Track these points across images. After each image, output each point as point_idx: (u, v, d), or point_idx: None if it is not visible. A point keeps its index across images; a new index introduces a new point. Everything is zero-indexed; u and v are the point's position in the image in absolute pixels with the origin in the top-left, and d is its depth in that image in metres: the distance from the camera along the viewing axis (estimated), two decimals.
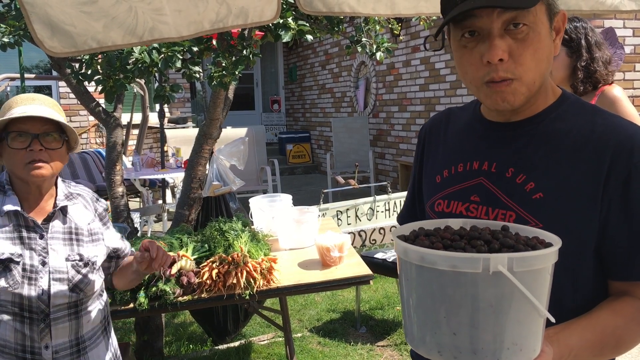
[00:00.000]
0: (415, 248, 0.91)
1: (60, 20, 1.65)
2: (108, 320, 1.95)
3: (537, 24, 1.06)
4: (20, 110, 1.66)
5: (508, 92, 1.08)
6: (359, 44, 3.58)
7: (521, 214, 1.11)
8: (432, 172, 1.33)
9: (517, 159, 1.15)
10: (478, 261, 0.85)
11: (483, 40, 1.08)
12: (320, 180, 10.72)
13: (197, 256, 2.71)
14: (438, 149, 1.35)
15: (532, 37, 1.06)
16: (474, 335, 0.88)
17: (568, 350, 1.01)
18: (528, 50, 1.05)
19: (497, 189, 1.16)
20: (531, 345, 0.91)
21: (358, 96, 10.32)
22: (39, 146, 1.65)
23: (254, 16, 1.96)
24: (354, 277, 2.74)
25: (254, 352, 3.89)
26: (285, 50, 13.85)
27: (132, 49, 2.82)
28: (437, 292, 0.89)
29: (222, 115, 3.66)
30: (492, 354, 0.88)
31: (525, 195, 1.12)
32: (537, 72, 1.08)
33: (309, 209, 3.30)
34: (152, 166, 6.94)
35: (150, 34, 1.80)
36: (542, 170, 1.12)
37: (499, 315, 0.87)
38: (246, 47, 3.07)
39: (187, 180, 3.68)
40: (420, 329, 0.94)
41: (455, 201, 1.22)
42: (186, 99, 11.11)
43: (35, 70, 9.66)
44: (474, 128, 1.27)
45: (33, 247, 1.70)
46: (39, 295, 1.67)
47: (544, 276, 0.90)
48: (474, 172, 1.21)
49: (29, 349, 1.69)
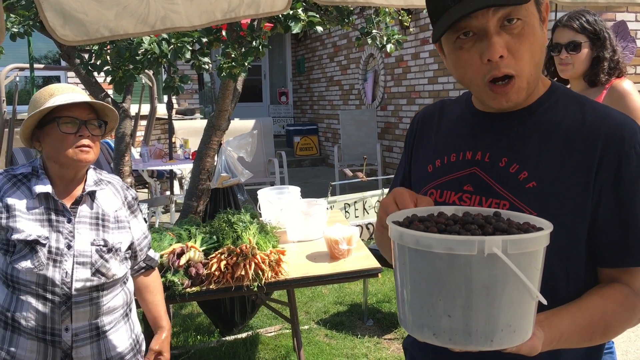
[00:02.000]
0: (410, 232, 0.91)
1: (72, 8, 1.65)
2: (131, 307, 1.96)
3: (530, 16, 1.07)
4: (65, 97, 1.73)
5: (512, 92, 1.10)
6: (369, 36, 3.56)
7: (515, 203, 1.13)
8: (424, 161, 1.33)
9: (510, 149, 1.17)
10: (473, 243, 0.86)
11: (480, 40, 1.07)
12: (328, 172, 10.71)
13: (206, 247, 2.71)
14: (430, 139, 1.35)
15: (527, 31, 1.07)
16: (468, 317, 0.89)
17: (559, 334, 1.03)
18: (525, 44, 1.07)
19: (491, 179, 1.17)
20: (524, 327, 0.92)
21: (366, 89, 10.29)
22: (87, 132, 1.75)
23: (265, 6, 1.95)
24: (362, 270, 2.73)
25: (261, 343, 3.89)
26: (293, 42, 13.81)
27: (141, 39, 2.81)
28: (432, 275, 0.90)
29: (231, 106, 3.65)
30: (486, 335, 0.90)
31: (519, 184, 1.13)
32: (533, 65, 1.10)
33: (318, 202, 3.29)
34: (160, 157, 6.94)
35: (162, 22, 1.80)
36: (535, 159, 1.14)
37: (493, 297, 0.89)
38: (255, 39, 3.06)
39: (195, 172, 3.68)
40: (416, 313, 0.94)
41: (448, 191, 1.23)
42: (194, 90, 11.11)
43: (43, 60, 9.67)
44: (467, 119, 1.28)
45: (60, 230, 1.74)
46: (62, 277, 1.71)
47: (536, 259, 0.92)
48: (467, 162, 1.22)
49: (49, 331, 1.72)
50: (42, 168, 1.79)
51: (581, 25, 2.54)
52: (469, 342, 0.90)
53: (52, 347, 1.74)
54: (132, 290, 1.99)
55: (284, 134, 12.90)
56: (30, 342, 1.72)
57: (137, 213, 2.00)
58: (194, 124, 8.28)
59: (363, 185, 7.54)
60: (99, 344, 1.81)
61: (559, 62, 2.62)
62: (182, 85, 3.20)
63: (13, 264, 1.69)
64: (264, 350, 3.80)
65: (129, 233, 1.91)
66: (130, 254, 1.94)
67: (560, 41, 2.59)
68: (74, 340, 1.75)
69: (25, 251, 1.69)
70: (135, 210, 1.98)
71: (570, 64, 2.58)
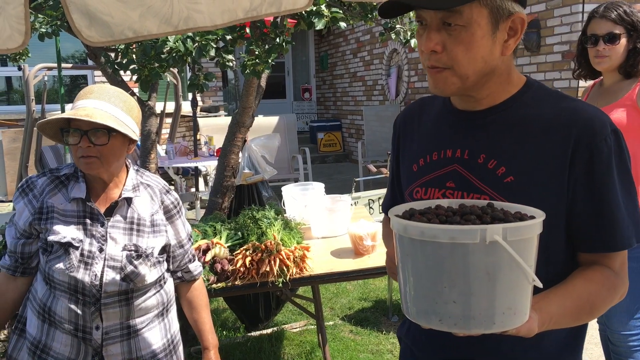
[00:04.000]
0: (415, 224, 0.97)
1: (98, 10, 1.67)
2: (167, 307, 1.95)
3: (472, 25, 1.13)
4: (79, 104, 1.73)
5: (439, 79, 1.19)
6: (393, 31, 3.54)
7: (494, 197, 1.20)
8: (409, 161, 1.41)
9: (487, 146, 1.23)
10: (476, 232, 0.93)
11: (426, 30, 1.18)
12: (351, 168, 10.69)
13: (231, 244, 2.73)
14: (413, 138, 1.43)
15: (464, 36, 1.13)
16: (472, 302, 0.95)
17: (549, 317, 1.10)
18: (459, 46, 1.14)
19: (471, 175, 1.24)
20: (523, 310, 0.99)
21: (390, 84, 10.23)
22: (87, 143, 1.70)
23: (287, 4, 1.95)
24: None
25: (287, 339, 3.91)
26: (316, 38, 13.79)
27: (166, 38, 2.84)
28: (437, 264, 0.96)
29: (255, 103, 3.67)
30: (488, 318, 0.96)
31: (497, 179, 1.20)
32: (471, 68, 1.16)
33: (342, 198, 3.29)
34: (185, 154, 7.01)
35: (185, 23, 1.81)
36: (511, 154, 1.20)
37: (494, 282, 0.95)
38: (279, 35, 3.07)
39: (220, 169, 3.71)
40: (421, 301, 1.00)
41: (432, 188, 1.30)
42: (218, 87, 11.17)
43: (71, 60, 9.82)
44: (446, 117, 1.34)
45: (94, 234, 1.76)
46: (92, 280, 1.73)
47: (531, 245, 0.98)
48: (448, 159, 1.29)
49: (80, 328, 1.77)
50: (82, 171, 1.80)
51: (619, 16, 2.48)
52: (472, 325, 0.96)
53: (84, 344, 1.78)
54: (172, 290, 1.97)
55: (308, 130, 12.90)
56: (65, 337, 1.77)
57: (176, 220, 1.93)
58: (219, 121, 8.34)
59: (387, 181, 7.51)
60: (130, 343, 1.83)
61: (595, 54, 2.55)
62: (207, 83, 3.22)
63: (49, 263, 1.74)
64: (289, 346, 3.82)
65: (165, 237, 1.88)
66: (164, 257, 1.90)
67: (598, 32, 2.52)
68: (104, 339, 1.78)
69: (59, 252, 1.73)
70: (173, 216, 1.92)
71: (608, 56, 2.52)
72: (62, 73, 5.56)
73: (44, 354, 1.78)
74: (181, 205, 1.98)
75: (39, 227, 1.75)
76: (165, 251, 1.90)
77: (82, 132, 1.69)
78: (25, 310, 1.86)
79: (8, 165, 8.32)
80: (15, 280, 1.84)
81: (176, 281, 2.02)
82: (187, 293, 2.04)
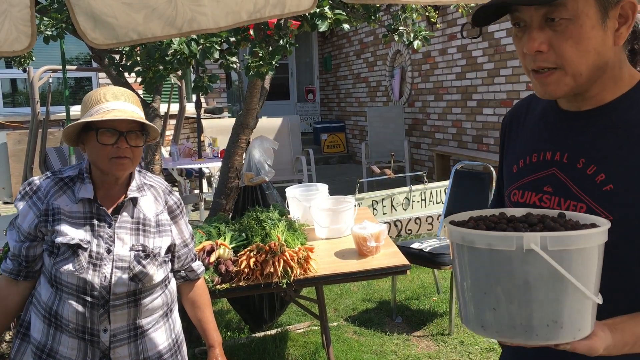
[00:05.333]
0: (457, 229, 0.96)
1: (103, 12, 1.68)
2: (171, 307, 1.96)
3: (580, 16, 1.05)
4: (109, 106, 1.73)
5: (550, 83, 1.10)
6: (396, 33, 3.55)
7: (591, 206, 1.10)
8: (511, 161, 1.33)
9: (588, 150, 1.14)
10: (512, 239, 0.90)
11: (526, 32, 1.10)
12: (355, 170, 10.70)
13: (235, 245, 2.74)
14: (517, 138, 1.35)
15: (572, 30, 1.05)
16: (511, 311, 0.92)
17: (634, 338, 1.02)
18: (567, 42, 1.06)
19: (569, 180, 1.15)
20: (575, 325, 0.93)
21: (393, 85, 10.24)
22: (125, 144, 1.72)
23: (291, 6, 1.96)
24: (391, 267, 2.73)
25: (290, 340, 3.92)
26: (320, 39, 13.80)
27: (171, 40, 2.85)
28: (478, 270, 0.95)
29: (259, 105, 3.68)
30: (530, 329, 0.92)
31: (596, 186, 1.10)
32: (583, 64, 1.08)
33: (346, 199, 3.30)
34: (189, 156, 7.02)
35: (189, 25, 1.82)
36: (612, 161, 1.10)
37: (535, 292, 0.91)
38: (283, 37, 3.08)
39: (224, 170, 3.72)
40: (466, 306, 0.99)
41: (529, 191, 1.23)
42: (222, 89, 11.19)
43: (75, 62, 9.85)
44: (548, 117, 1.26)
45: (101, 235, 1.77)
46: (101, 281, 1.74)
47: (586, 256, 0.92)
48: (547, 162, 1.21)
49: (88, 331, 1.76)
50: (88, 171, 1.81)
51: None
52: (514, 335, 0.93)
53: (91, 347, 1.77)
54: (175, 290, 1.98)
55: (311, 131, 12.91)
56: (71, 340, 1.77)
57: (179, 219, 1.96)
58: (223, 123, 8.35)
59: (391, 182, 7.52)
60: (137, 344, 1.83)
61: None
62: (211, 85, 3.23)
63: (56, 265, 1.74)
64: (293, 347, 3.82)
65: (170, 237, 1.90)
66: (170, 257, 1.92)
67: None
68: (112, 341, 1.78)
69: (67, 254, 1.73)
70: (176, 216, 1.95)
71: None
72: (66, 75, 5.58)
73: (50, 357, 1.77)
74: (183, 205, 2.01)
75: (45, 229, 1.75)
76: (170, 251, 1.91)
77: (120, 132, 1.71)
78: (28, 314, 1.85)
79: (13, 167, 8.36)
80: (17, 284, 1.82)
81: (179, 281, 2.02)
82: (190, 292, 2.05)
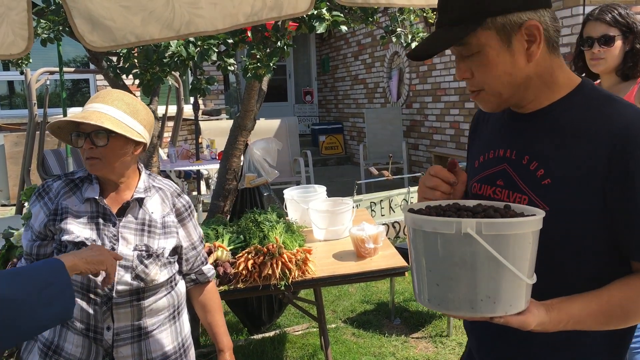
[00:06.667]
0: (410, 214, 1.11)
1: (100, 15, 1.68)
2: (179, 310, 1.97)
3: (485, 48, 1.21)
4: (88, 108, 1.79)
5: (481, 101, 1.29)
6: (394, 34, 3.55)
7: (532, 198, 1.24)
8: (473, 157, 1.48)
9: (531, 148, 1.28)
10: (452, 224, 1.04)
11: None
12: (353, 171, 10.70)
13: (233, 247, 2.74)
14: (480, 135, 1.49)
15: (482, 59, 1.22)
16: (452, 286, 1.06)
17: (567, 317, 1.15)
18: (481, 69, 1.23)
19: (516, 175, 1.29)
20: (508, 301, 1.06)
21: (391, 87, 10.25)
22: (89, 144, 1.76)
23: (288, 8, 1.96)
24: (389, 269, 2.73)
25: (289, 342, 3.92)
26: (317, 41, 13.81)
27: (168, 43, 2.85)
28: (425, 250, 1.09)
29: (257, 106, 3.68)
30: (467, 303, 1.06)
31: (536, 180, 1.24)
32: (498, 85, 1.24)
33: (344, 200, 3.30)
34: (187, 158, 7.02)
35: (187, 27, 1.83)
36: (550, 157, 1.24)
37: (472, 270, 1.04)
38: (280, 39, 3.08)
39: (222, 172, 3.72)
40: (416, 283, 1.14)
41: (485, 185, 1.37)
42: (220, 91, 11.19)
43: (72, 63, 9.84)
44: (504, 118, 1.40)
45: (106, 234, 1.80)
46: (104, 279, 1.74)
47: (520, 241, 1.05)
48: (500, 158, 1.35)
49: (92, 328, 1.79)
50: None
51: (614, 18, 2.49)
52: (453, 307, 1.07)
53: (95, 345, 1.80)
54: (183, 292, 1.99)
55: (309, 133, 12.91)
56: (76, 337, 1.79)
57: (188, 222, 1.97)
58: (220, 125, 8.34)
59: (389, 184, 7.51)
60: (140, 345, 1.84)
61: (590, 56, 2.56)
62: (209, 87, 3.23)
63: None
64: (292, 349, 3.82)
65: (175, 238, 1.91)
66: (175, 258, 1.93)
67: (593, 35, 2.53)
68: (115, 340, 1.80)
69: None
70: (184, 219, 1.96)
71: (603, 58, 2.52)
72: (64, 77, 5.58)
73: (55, 354, 1.80)
74: (192, 208, 2.02)
75: (54, 228, 1.79)
76: (176, 252, 1.93)
77: (86, 134, 1.76)
78: None
79: (10, 169, 8.35)
80: None
81: (189, 284, 2.03)
82: (200, 296, 2.05)
